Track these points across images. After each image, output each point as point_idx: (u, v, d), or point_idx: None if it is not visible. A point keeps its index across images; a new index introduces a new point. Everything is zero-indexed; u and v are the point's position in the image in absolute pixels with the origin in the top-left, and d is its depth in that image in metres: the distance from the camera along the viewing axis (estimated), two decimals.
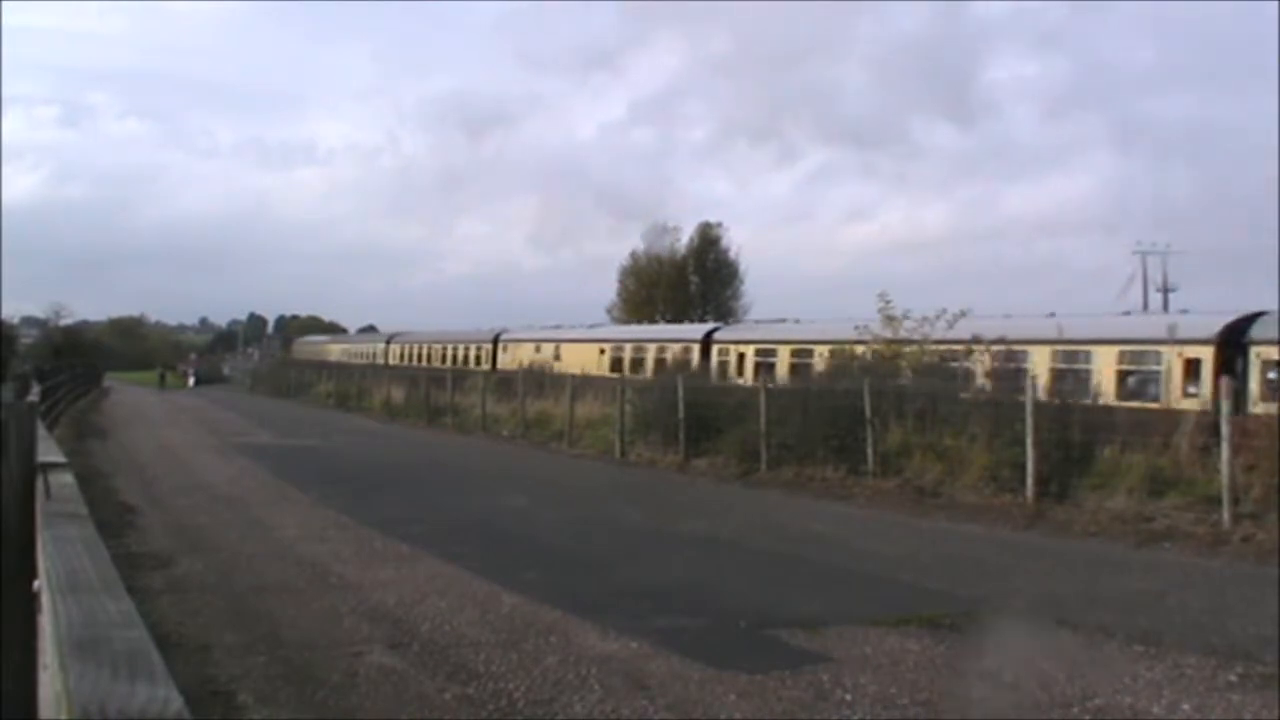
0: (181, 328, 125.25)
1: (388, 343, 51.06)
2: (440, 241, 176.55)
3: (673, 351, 28.77)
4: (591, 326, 37.87)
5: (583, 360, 29.26)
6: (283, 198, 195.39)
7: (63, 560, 2.05)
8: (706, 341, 27.98)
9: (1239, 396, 13.46)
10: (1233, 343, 15.99)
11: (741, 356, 26.14)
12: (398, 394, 33.37)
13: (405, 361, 46.09)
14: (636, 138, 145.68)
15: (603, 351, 31.19)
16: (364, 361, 50.65)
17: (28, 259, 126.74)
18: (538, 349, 34.74)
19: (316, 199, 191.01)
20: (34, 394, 11.12)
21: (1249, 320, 16.29)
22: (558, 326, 37.51)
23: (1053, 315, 19.53)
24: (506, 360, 36.46)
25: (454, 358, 41.13)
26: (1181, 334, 16.81)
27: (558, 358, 32.53)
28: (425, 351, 45.43)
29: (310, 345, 70.56)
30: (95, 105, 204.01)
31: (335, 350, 60.53)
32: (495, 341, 39.11)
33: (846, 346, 20.45)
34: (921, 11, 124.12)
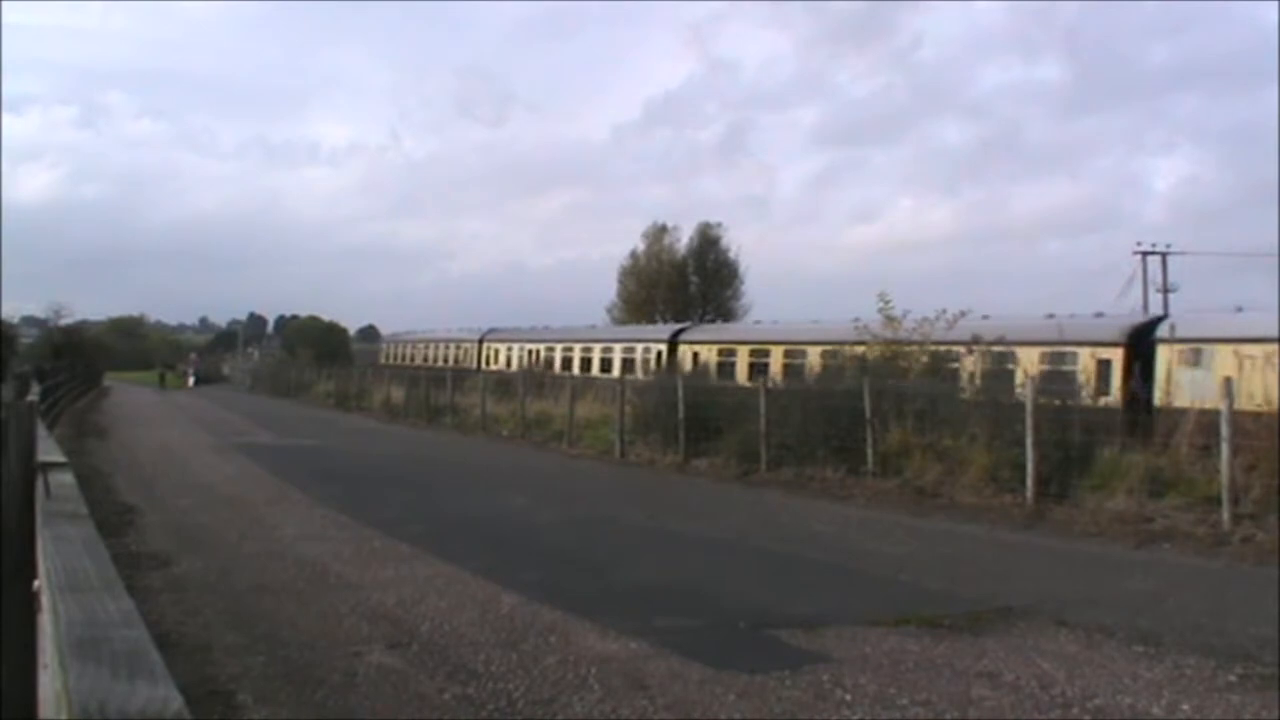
0: (181, 328, 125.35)
1: (672, 340, 30.11)
2: (447, 242, 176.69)
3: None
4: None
5: None
6: (287, 198, 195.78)
7: (63, 560, 2.06)
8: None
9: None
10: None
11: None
12: (397, 394, 33.36)
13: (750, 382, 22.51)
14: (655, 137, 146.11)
15: None
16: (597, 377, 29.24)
17: (29, 258, 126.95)
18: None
19: (320, 199, 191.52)
20: (34, 393, 11.11)
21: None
22: None
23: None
24: None
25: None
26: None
27: None
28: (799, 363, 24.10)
29: (424, 344, 46.93)
30: (110, 105, 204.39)
31: (519, 352, 37.56)
32: None
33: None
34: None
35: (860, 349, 18.94)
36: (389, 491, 14.03)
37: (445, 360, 42.09)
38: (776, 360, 25.53)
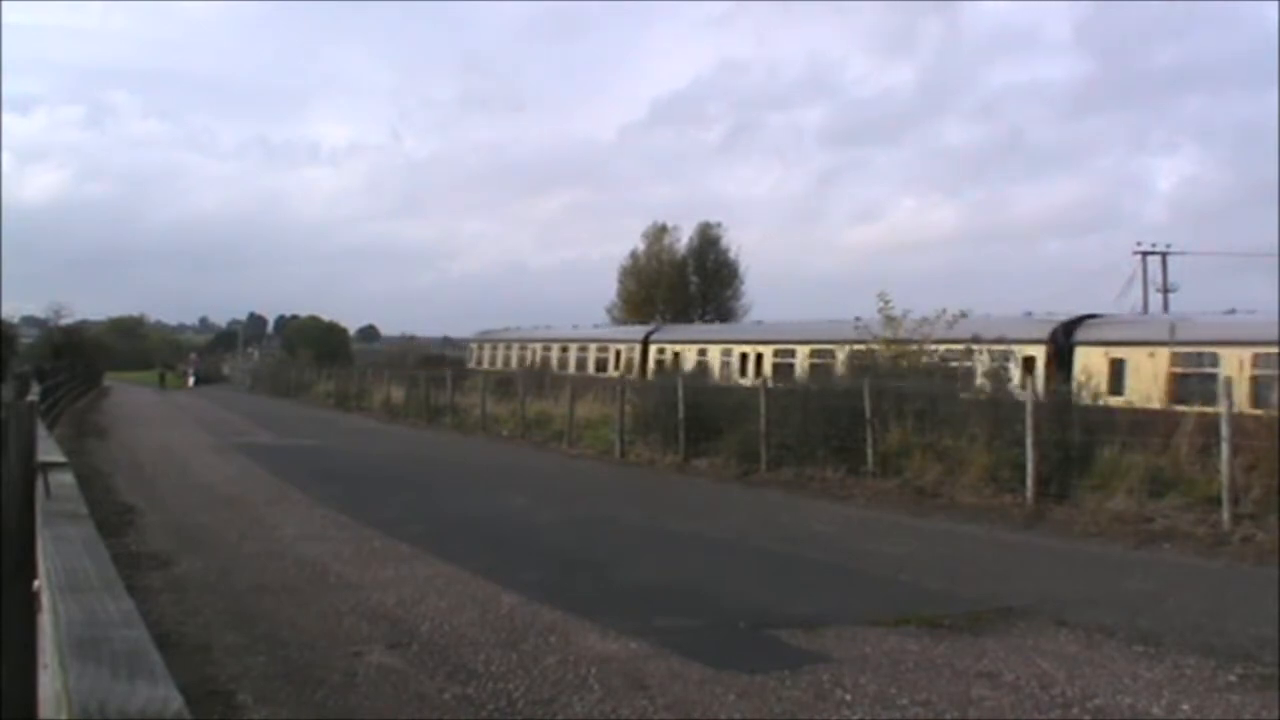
0: (181, 328, 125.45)
1: (1059, 341, 19.77)
2: (448, 241, 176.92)
3: None
4: None
5: None
6: (287, 198, 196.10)
7: (63, 560, 2.06)
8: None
9: None
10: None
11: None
12: (398, 394, 33.37)
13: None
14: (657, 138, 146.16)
15: None
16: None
17: (29, 258, 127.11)
18: None
19: (320, 199, 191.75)
20: (34, 393, 11.10)
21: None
22: None
23: None
24: None
25: None
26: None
27: None
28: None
29: (541, 344, 36.02)
30: (116, 105, 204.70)
31: (718, 355, 27.79)
32: None
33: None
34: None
35: None
36: (389, 491, 14.03)
37: (585, 366, 32.69)
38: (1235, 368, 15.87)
